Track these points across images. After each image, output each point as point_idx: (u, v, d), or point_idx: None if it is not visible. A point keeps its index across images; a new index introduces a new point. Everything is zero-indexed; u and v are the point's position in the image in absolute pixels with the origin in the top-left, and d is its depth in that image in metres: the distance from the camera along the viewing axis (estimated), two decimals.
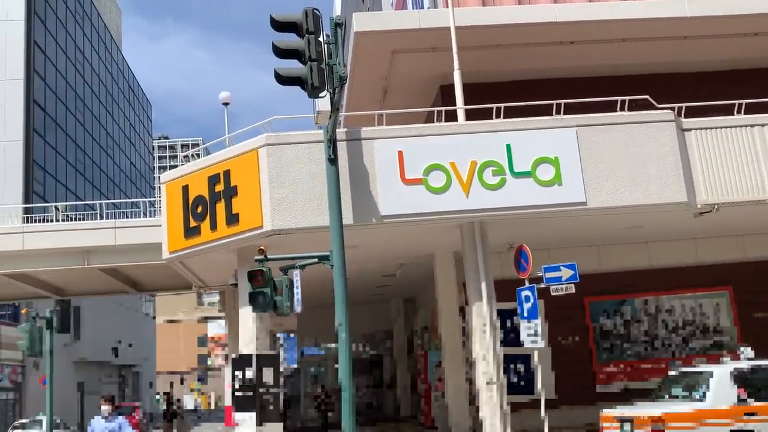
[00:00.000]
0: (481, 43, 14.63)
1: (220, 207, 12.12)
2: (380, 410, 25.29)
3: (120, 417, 10.80)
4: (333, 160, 10.46)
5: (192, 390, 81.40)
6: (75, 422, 40.79)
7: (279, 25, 9.85)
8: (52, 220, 29.12)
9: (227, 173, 12.13)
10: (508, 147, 11.81)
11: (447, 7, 13.54)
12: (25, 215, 33.05)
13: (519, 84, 15.83)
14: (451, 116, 12.95)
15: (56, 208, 30.73)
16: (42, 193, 46.44)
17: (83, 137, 56.99)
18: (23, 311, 38.53)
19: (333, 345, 24.49)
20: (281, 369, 13.05)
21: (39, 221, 29.47)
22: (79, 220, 29.72)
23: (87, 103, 58.57)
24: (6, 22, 46.18)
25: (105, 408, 10.43)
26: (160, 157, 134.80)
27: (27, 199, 42.90)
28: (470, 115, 12.79)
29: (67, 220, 29.26)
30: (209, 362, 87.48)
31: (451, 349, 15.02)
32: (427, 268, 16.06)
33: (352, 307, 10.15)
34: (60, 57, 52.42)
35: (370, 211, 11.49)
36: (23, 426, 31.91)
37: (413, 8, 19.62)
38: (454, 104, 13.19)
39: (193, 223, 12.60)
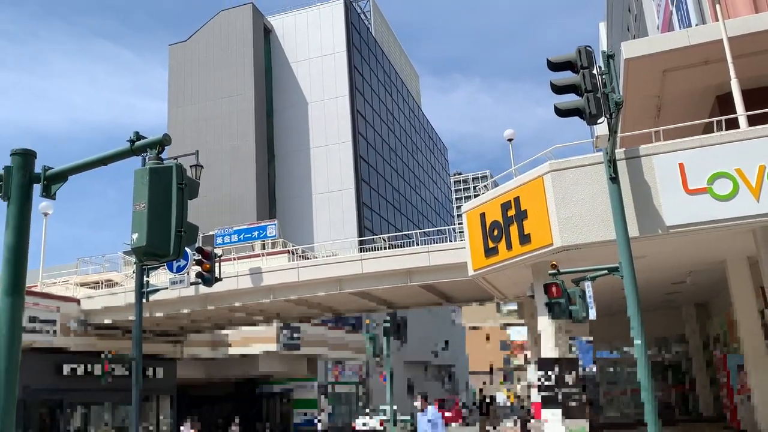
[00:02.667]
0: (758, 49, 12.78)
1: (513, 229, 12.17)
2: (683, 411, 22.98)
3: (429, 407, 11.86)
4: (614, 179, 9.96)
5: (501, 384, 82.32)
6: (408, 413, 43.68)
7: (555, 66, 9.72)
8: (379, 249, 31.81)
9: (517, 199, 12.16)
10: None
11: (716, 20, 12.12)
12: (360, 246, 36.72)
13: None
14: (731, 124, 11.47)
15: (382, 239, 33.52)
16: (370, 227, 51.38)
17: (396, 180, 61.83)
18: (366, 321, 42.62)
19: (626, 348, 22.95)
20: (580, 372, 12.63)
21: (370, 250, 32.43)
22: (399, 247, 31.97)
23: (397, 153, 63.53)
24: (337, 99, 52.49)
25: (417, 403, 11.77)
26: (456, 190, 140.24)
27: (360, 232, 47.76)
28: (752, 121, 11.21)
29: (390, 248, 31.69)
30: (512, 363, 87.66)
31: (754, 352, 13.11)
32: (718, 273, 14.29)
33: (643, 313, 9.44)
34: (375, 120, 57.77)
35: (654, 223, 10.61)
36: (369, 414, 35.17)
37: (680, 27, 17.90)
38: (732, 112, 11.66)
39: (491, 245, 12.83)
